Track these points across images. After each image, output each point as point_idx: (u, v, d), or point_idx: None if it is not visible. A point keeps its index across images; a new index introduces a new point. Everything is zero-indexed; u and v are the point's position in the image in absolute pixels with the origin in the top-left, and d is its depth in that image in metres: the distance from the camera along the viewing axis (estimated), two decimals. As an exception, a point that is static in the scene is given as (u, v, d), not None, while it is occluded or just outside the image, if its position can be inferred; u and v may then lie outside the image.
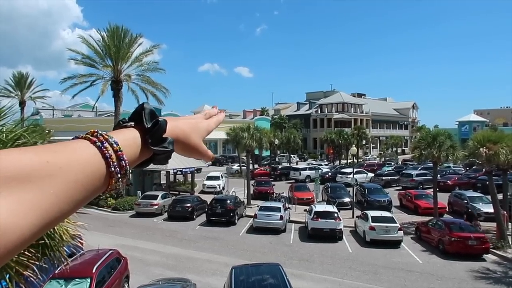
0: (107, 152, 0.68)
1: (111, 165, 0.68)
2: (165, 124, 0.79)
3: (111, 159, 0.68)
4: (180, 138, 0.85)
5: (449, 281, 15.78)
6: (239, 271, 11.81)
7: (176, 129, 0.84)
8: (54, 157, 0.61)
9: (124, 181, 0.72)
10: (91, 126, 30.74)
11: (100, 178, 0.67)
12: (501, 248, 19.24)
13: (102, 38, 28.63)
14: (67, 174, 0.61)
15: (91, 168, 0.65)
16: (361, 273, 16.51)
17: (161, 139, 0.78)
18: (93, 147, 0.68)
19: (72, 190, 0.61)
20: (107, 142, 0.69)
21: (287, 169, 47.44)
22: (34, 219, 0.55)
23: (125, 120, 0.80)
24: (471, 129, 71.47)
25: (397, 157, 67.77)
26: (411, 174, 39.26)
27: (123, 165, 0.70)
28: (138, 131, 0.78)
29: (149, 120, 0.78)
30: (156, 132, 0.78)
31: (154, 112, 0.79)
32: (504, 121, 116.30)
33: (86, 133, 0.72)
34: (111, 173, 0.68)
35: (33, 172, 0.57)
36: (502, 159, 19.39)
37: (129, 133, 0.77)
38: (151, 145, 0.77)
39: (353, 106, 79.46)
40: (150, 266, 16.65)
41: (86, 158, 0.65)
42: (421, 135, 26.69)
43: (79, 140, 0.69)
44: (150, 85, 31.25)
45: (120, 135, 0.75)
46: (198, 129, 0.91)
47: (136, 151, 0.76)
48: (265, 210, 22.84)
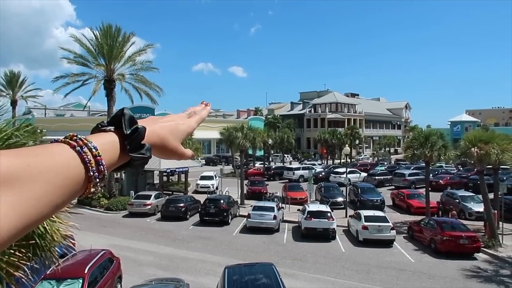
0: (86, 157, 0.69)
1: (90, 169, 0.69)
2: (143, 131, 0.80)
3: (90, 164, 0.69)
4: (157, 143, 0.86)
5: (441, 280, 15.91)
6: (232, 271, 11.81)
7: (153, 134, 0.85)
8: (35, 161, 0.62)
9: (102, 185, 0.74)
10: (83, 126, 30.97)
11: (79, 182, 0.68)
12: (492, 247, 19.43)
13: (95, 37, 28.45)
14: (47, 177, 0.62)
15: (71, 172, 0.67)
16: (354, 273, 16.59)
17: (140, 145, 0.80)
18: (73, 151, 0.69)
19: (51, 193, 0.62)
20: (87, 147, 0.70)
21: (281, 168, 47.50)
22: (13, 221, 0.56)
23: (104, 123, 0.81)
24: (463, 129, 72.01)
25: (390, 157, 68.16)
26: (404, 174, 39.50)
27: (102, 170, 0.71)
28: (117, 136, 0.78)
29: (128, 126, 0.79)
30: (135, 138, 0.79)
31: (134, 118, 0.80)
32: (496, 121, 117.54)
33: (65, 136, 0.73)
34: (89, 177, 0.69)
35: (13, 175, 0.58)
36: (493, 158, 19.58)
37: (108, 138, 0.77)
38: (129, 151, 0.78)
39: (347, 106, 79.75)
40: (143, 266, 16.59)
41: (66, 163, 0.67)
42: (414, 135, 26.85)
43: (58, 144, 0.70)
44: (143, 84, 31.12)
45: (99, 139, 0.75)
46: (176, 132, 0.92)
47: (114, 156, 0.77)
48: (258, 210, 22.85)
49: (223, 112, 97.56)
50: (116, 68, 29.27)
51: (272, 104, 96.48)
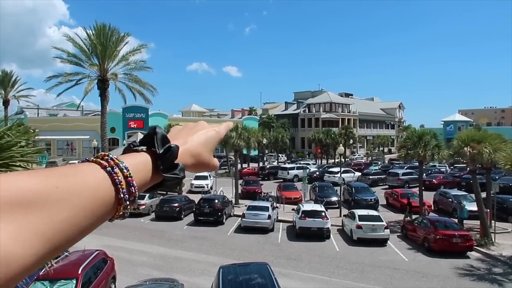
0: (117, 177, 0.66)
1: (121, 191, 0.66)
2: (176, 150, 0.78)
3: (120, 185, 0.66)
4: (190, 160, 0.84)
5: (434, 279, 16.02)
6: (226, 271, 11.80)
7: (186, 152, 0.83)
8: (64, 182, 0.59)
9: (132, 207, 0.70)
10: (77, 126, 30.79)
11: (109, 204, 0.65)
12: (484, 245, 19.59)
13: (89, 37, 28.26)
14: (76, 200, 0.59)
15: (100, 194, 0.63)
16: (348, 272, 16.65)
17: (173, 165, 0.77)
18: (103, 171, 0.66)
19: (79, 216, 0.59)
20: (118, 167, 0.67)
21: (275, 168, 47.54)
22: (38, 247, 0.53)
23: (136, 143, 0.79)
24: (456, 128, 72.56)
25: (383, 157, 68.48)
26: (398, 173, 39.72)
27: (132, 191, 0.68)
28: (149, 155, 0.76)
29: (160, 145, 0.76)
30: (167, 158, 0.76)
31: (166, 137, 0.78)
32: (488, 121, 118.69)
33: (96, 156, 0.70)
34: (119, 200, 0.66)
35: (41, 198, 0.55)
36: (485, 158, 19.73)
37: (140, 158, 0.75)
38: (162, 171, 0.75)
39: (341, 106, 79.99)
40: (137, 267, 16.52)
41: (96, 184, 0.63)
42: (407, 135, 27.01)
43: (89, 164, 0.67)
44: (137, 84, 30.97)
45: (131, 159, 0.73)
46: (208, 143, 0.89)
47: (146, 176, 0.74)
48: (253, 210, 22.86)
49: (217, 112, 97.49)
50: (109, 67, 29.10)
51: (267, 104, 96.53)
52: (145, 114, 52.88)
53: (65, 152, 54.44)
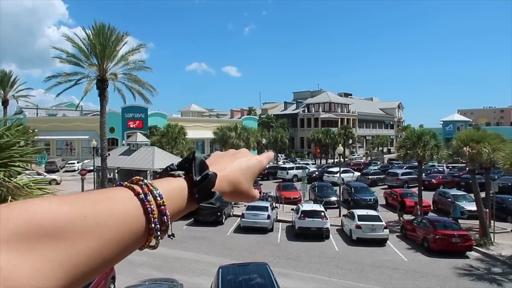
0: (149, 206, 0.62)
1: (152, 221, 0.62)
2: (214, 177, 0.74)
3: (152, 215, 0.63)
4: (228, 189, 0.80)
5: (434, 278, 16.02)
6: (226, 271, 11.80)
7: (224, 181, 0.79)
8: (93, 211, 0.56)
9: (164, 237, 0.67)
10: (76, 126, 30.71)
11: (138, 234, 0.62)
12: (483, 245, 19.61)
13: (88, 37, 28.24)
14: (104, 230, 0.56)
15: (130, 224, 0.60)
16: (348, 272, 16.65)
17: (209, 193, 0.73)
18: (136, 199, 0.62)
19: (106, 248, 0.56)
20: (151, 194, 0.64)
21: (275, 168, 47.55)
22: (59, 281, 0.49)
23: (173, 167, 0.75)
24: (455, 128, 72.58)
25: (383, 156, 68.52)
26: (397, 173, 39.75)
27: (165, 221, 0.65)
28: (186, 181, 0.72)
29: (198, 171, 0.72)
30: (204, 186, 0.72)
31: (204, 163, 0.74)
32: (487, 121, 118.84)
33: (130, 180, 0.67)
34: (150, 230, 0.63)
35: (68, 228, 0.51)
36: (484, 158, 19.77)
37: (175, 184, 0.71)
38: (197, 200, 0.72)
39: (340, 105, 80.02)
40: (137, 267, 16.49)
41: (126, 213, 0.60)
42: (407, 135, 27.02)
43: (121, 189, 0.64)
44: (136, 84, 30.95)
45: (166, 185, 0.69)
46: (248, 173, 0.86)
47: (180, 204, 0.70)
48: (252, 210, 22.85)
49: (216, 112, 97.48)
50: (109, 67, 29.08)
51: (266, 104, 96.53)
52: (144, 114, 52.89)
53: (64, 152, 54.45)
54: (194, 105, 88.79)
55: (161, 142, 39.07)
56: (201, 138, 60.52)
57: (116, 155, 32.94)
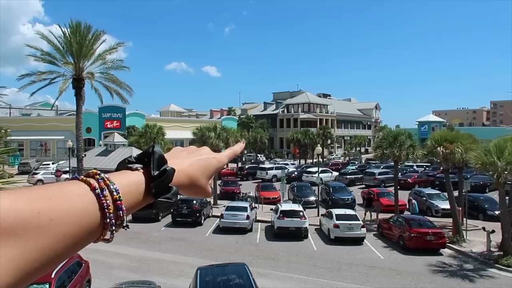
0: (105, 201, 0.63)
1: (107, 216, 0.63)
2: (172, 172, 0.74)
3: (108, 210, 0.63)
4: (186, 184, 0.80)
5: (409, 276, 16.39)
6: (204, 272, 11.75)
7: (183, 175, 0.79)
8: (47, 207, 0.55)
9: (118, 230, 0.67)
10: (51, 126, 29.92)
11: (92, 229, 0.62)
12: (456, 242, 20.19)
13: (64, 34, 27.59)
14: (57, 226, 0.55)
15: (85, 220, 0.60)
16: (326, 270, 16.84)
17: (166, 188, 0.73)
18: (92, 194, 0.62)
19: (59, 243, 0.55)
20: (108, 189, 0.64)
21: (254, 168, 47.61)
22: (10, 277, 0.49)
23: (132, 159, 0.75)
24: (430, 129, 74.23)
25: (360, 156, 69.50)
26: (374, 173, 40.45)
27: (120, 215, 0.65)
28: (144, 175, 0.72)
29: (156, 166, 0.72)
30: (162, 181, 0.72)
31: (163, 157, 0.74)
32: (460, 122, 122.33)
33: (87, 173, 0.67)
34: (105, 224, 0.63)
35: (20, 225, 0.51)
36: (457, 157, 20.35)
37: (133, 178, 0.71)
38: (154, 195, 0.72)
39: (319, 106, 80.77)
40: (113, 269, 16.25)
41: (82, 208, 0.60)
42: (383, 135, 27.53)
43: (78, 184, 0.63)
44: (114, 84, 30.42)
45: (123, 179, 0.69)
46: (207, 170, 0.86)
47: (137, 198, 0.71)
48: (231, 210, 22.83)
49: (196, 112, 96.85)
50: (85, 66, 28.48)
51: (246, 104, 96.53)
52: (122, 114, 52.09)
53: (38, 153, 53.05)
54: (173, 105, 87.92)
55: (139, 142, 38.59)
56: (180, 138, 60.01)
57: (93, 156, 32.35)
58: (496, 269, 16.93)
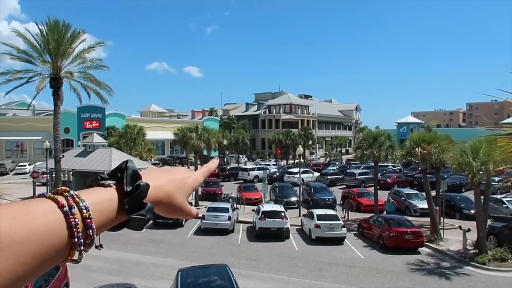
0: (73, 220, 0.59)
1: (75, 235, 0.60)
2: (146, 188, 0.71)
3: (76, 229, 0.60)
4: (163, 201, 0.78)
5: (388, 274, 16.66)
6: (185, 274, 11.67)
7: (159, 191, 0.76)
8: (8, 226, 0.52)
9: (88, 250, 0.65)
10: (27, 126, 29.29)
11: (59, 250, 0.58)
12: (434, 241, 20.64)
13: (41, 32, 27.01)
14: (19, 247, 0.52)
15: (51, 240, 0.57)
16: (307, 270, 16.96)
17: (140, 205, 0.70)
18: (59, 212, 0.59)
19: (21, 265, 0.52)
20: (77, 207, 0.61)
21: (236, 169, 47.57)
22: None
23: (105, 176, 0.72)
24: (408, 130, 75.60)
25: (341, 157, 70.26)
26: (354, 173, 40.97)
27: (90, 235, 0.62)
28: (117, 191, 0.70)
29: (130, 182, 0.70)
30: (135, 197, 0.70)
31: (137, 173, 0.72)
32: (438, 123, 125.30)
33: (55, 190, 0.63)
34: (73, 244, 0.60)
35: None
36: (434, 158, 20.84)
37: (105, 194, 0.68)
38: (127, 211, 0.69)
39: (300, 107, 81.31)
40: (92, 272, 15.94)
41: (47, 227, 0.56)
42: (363, 136, 27.93)
43: (45, 201, 0.60)
44: (93, 83, 29.91)
45: (94, 196, 0.66)
46: (183, 188, 0.83)
47: (109, 216, 0.68)
48: (213, 211, 22.75)
49: (177, 112, 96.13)
50: (63, 65, 27.92)
51: (227, 105, 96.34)
52: (102, 114, 51.27)
53: (14, 153, 51.74)
54: (154, 105, 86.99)
55: (119, 143, 38.07)
56: (161, 139, 59.49)
57: (71, 157, 31.68)
58: (472, 267, 17.37)
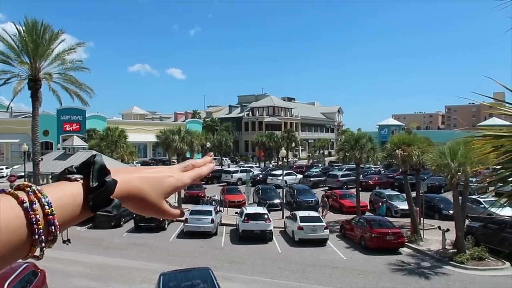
0: (34, 216, 0.58)
1: (36, 232, 0.58)
2: (113, 184, 0.69)
3: (37, 225, 0.58)
4: (132, 196, 0.75)
5: (370, 275, 16.85)
6: (167, 278, 11.55)
7: (128, 185, 0.73)
8: None
9: (51, 246, 0.63)
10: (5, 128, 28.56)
11: (18, 246, 0.57)
12: (414, 241, 20.99)
13: (19, 33, 26.44)
14: None
15: (8, 236, 0.55)
16: (290, 272, 17.01)
17: (106, 201, 0.68)
18: (19, 208, 0.57)
19: None
20: (39, 203, 0.59)
21: (219, 172, 47.40)
22: None
23: (72, 169, 0.70)
24: (389, 132, 76.87)
25: (324, 159, 70.84)
26: (337, 175, 41.36)
27: (52, 231, 0.61)
28: (83, 186, 0.68)
29: (96, 177, 0.68)
30: (100, 193, 0.67)
31: (105, 168, 0.70)
32: (418, 125, 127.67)
33: (17, 186, 0.62)
34: (33, 241, 0.58)
35: None
36: (414, 159, 21.22)
37: (70, 190, 0.66)
38: (91, 207, 0.67)
39: (283, 109, 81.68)
40: (72, 278, 15.64)
41: (5, 225, 0.55)
42: (345, 138, 28.29)
43: (4, 197, 0.59)
44: (73, 85, 29.40)
45: (58, 191, 0.65)
46: (160, 186, 0.79)
47: (73, 212, 0.66)
48: (196, 214, 22.60)
49: (160, 114, 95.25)
50: (42, 66, 27.37)
51: (211, 107, 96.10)
52: (82, 116, 50.42)
53: (-10, 157, 50.35)
54: (136, 107, 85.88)
55: (100, 146, 37.49)
56: (143, 141, 58.81)
57: (50, 160, 31.07)
58: (451, 266, 17.73)
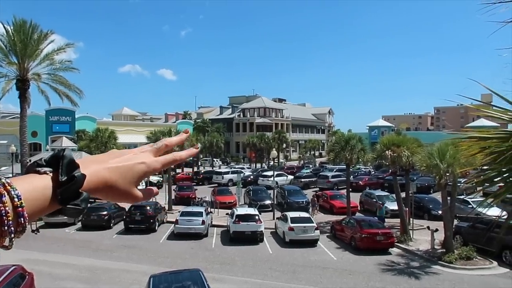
0: (3, 208, 0.60)
1: (5, 223, 0.60)
2: (82, 179, 0.70)
3: (7, 217, 0.60)
4: (101, 188, 0.77)
5: (360, 275, 16.94)
6: (157, 280, 11.49)
7: (96, 178, 0.75)
8: None
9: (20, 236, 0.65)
10: (-9, 129, 27.24)
11: None
12: (404, 241, 21.16)
13: (7, 32, 26.15)
14: None
15: None
16: (281, 273, 17.03)
17: (75, 194, 0.70)
18: None
19: None
20: (8, 195, 0.61)
21: (210, 173, 47.33)
22: None
23: (42, 162, 0.71)
24: (379, 133, 77.24)
25: (314, 160, 71.09)
26: (327, 176, 41.51)
27: (21, 223, 0.63)
28: (52, 180, 0.69)
29: (65, 171, 0.69)
30: (69, 188, 0.69)
31: (74, 162, 0.71)
32: (407, 126, 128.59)
33: None
34: (3, 232, 0.61)
35: None
36: (404, 160, 21.40)
37: (39, 183, 0.68)
38: (60, 201, 0.69)
39: (274, 111, 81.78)
40: (61, 281, 15.47)
41: None
42: (336, 139, 28.36)
43: None
44: (62, 86, 29.16)
45: (27, 184, 0.66)
46: (129, 174, 0.81)
47: (42, 204, 0.68)
48: (186, 215, 22.52)
49: (150, 115, 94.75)
50: (30, 67, 27.12)
51: (201, 108, 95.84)
52: (71, 117, 49.91)
53: (-23, 158, 49.58)
54: (126, 108, 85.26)
55: (89, 147, 37.21)
56: (134, 142, 58.12)
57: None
58: (440, 266, 17.91)
